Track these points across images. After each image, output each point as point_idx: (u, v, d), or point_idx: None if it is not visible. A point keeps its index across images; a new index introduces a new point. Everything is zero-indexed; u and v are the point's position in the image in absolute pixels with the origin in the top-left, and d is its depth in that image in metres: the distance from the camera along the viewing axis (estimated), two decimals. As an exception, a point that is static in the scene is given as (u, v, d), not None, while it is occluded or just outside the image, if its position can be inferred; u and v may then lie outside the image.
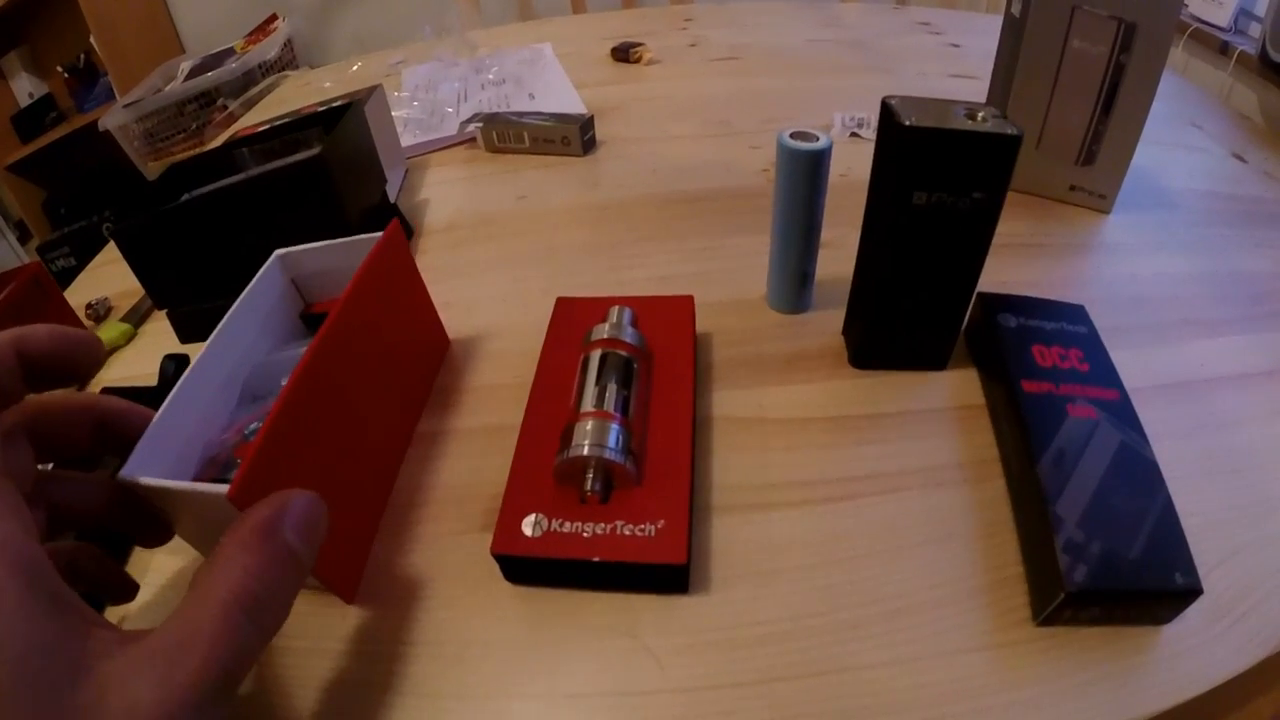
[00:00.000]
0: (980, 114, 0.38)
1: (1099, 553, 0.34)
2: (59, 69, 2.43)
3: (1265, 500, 0.40)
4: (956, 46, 1.04)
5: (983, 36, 0.63)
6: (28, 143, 2.41)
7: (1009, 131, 0.37)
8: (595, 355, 0.42)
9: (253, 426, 0.41)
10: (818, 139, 0.43)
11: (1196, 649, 0.34)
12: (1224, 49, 1.47)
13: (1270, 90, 1.37)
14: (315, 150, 0.53)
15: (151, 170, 2.03)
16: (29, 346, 0.29)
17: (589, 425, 0.37)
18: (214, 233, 0.56)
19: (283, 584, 0.27)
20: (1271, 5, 1.18)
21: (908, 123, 0.37)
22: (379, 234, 0.45)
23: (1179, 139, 0.79)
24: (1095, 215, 0.64)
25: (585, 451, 0.36)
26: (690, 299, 0.47)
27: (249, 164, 0.66)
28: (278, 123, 0.74)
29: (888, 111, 0.39)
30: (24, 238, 2.56)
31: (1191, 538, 0.34)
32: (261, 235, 0.54)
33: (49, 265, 2.17)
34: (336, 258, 0.47)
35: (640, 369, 0.42)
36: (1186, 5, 1.58)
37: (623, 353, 0.42)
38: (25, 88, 2.50)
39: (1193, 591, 0.33)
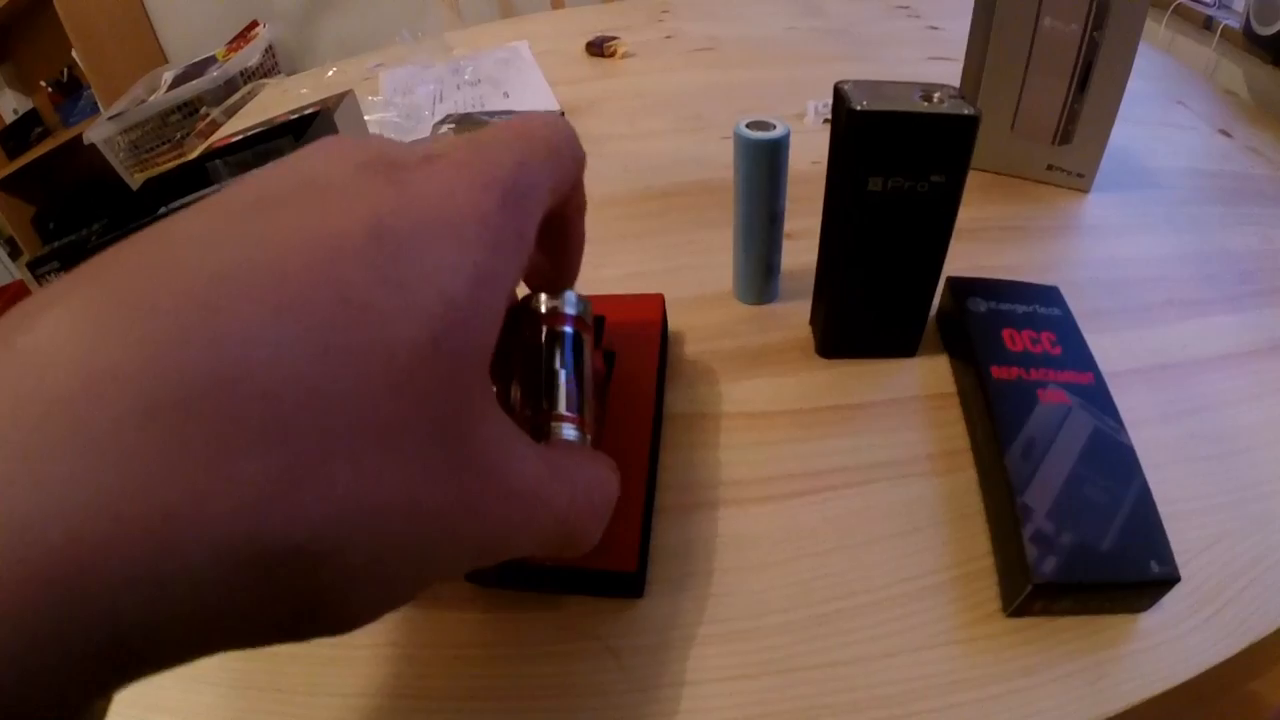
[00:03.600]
0: (936, 95, 0.37)
1: (1069, 543, 0.33)
2: (43, 84, 2.44)
3: (1249, 484, 0.40)
4: (936, 29, 1.04)
5: (962, 19, 0.63)
6: (15, 159, 2.41)
7: (965, 112, 0.36)
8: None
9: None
10: (774, 127, 0.42)
11: (1176, 638, 0.33)
12: (1208, 24, 1.47)
13: (1255, 65, 1.37)
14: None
15: (137, 182, 2.03)
16: None
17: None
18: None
19: None
20: None
21: (858, 107, 0.36)
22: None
23: (1163, 117, 0.79)
24: (1074, 195, 0.64)
25: None
26: (659, 297, 0.46)
27: (223, 176, 0.66)
28: (251, 133, 0.74)
29: (840, 96, 0.38)
30: (14, 253, 2.57)
31: (1172, 524, 0.34)
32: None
33: (39, 280, 2.17)
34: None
35: (588, 343, 0.35)
36: None
37: (566, 329, 0.34)
38: (10, 104, 2.51)
39: (1170, 580, 0.32)
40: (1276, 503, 0.39)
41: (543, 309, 0.32)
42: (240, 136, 0.76)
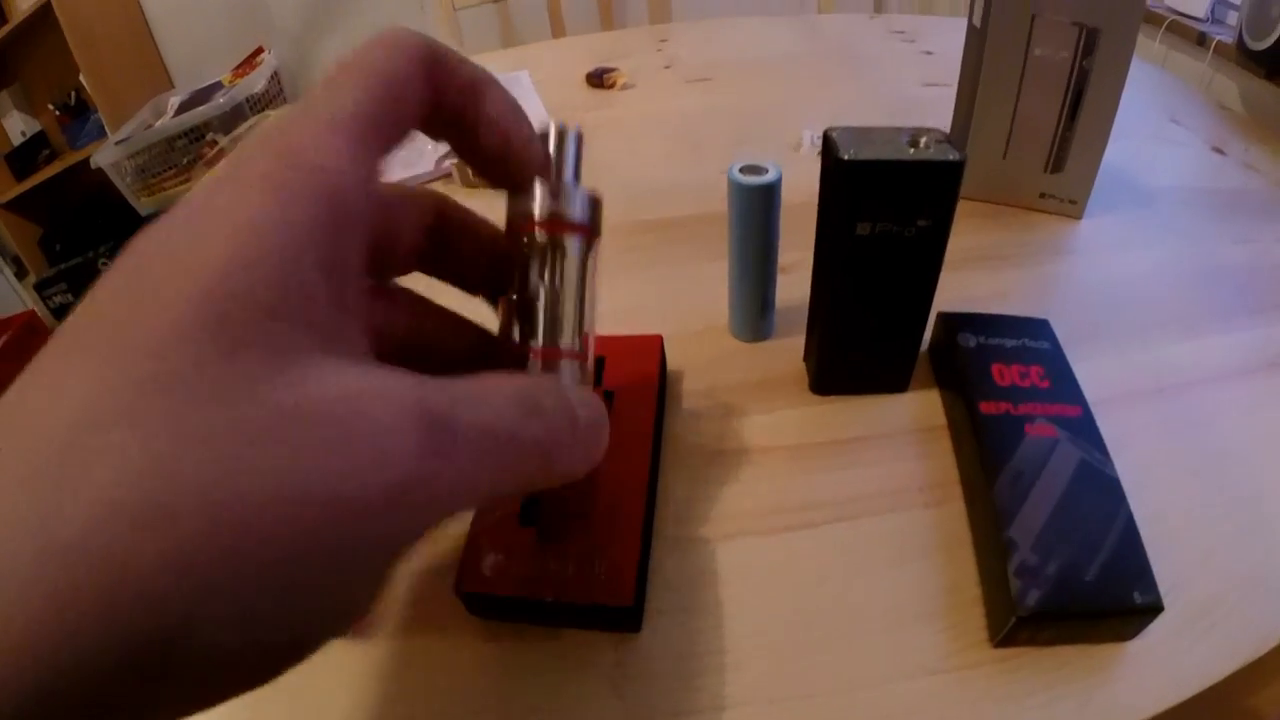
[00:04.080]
0: (923, 139, 0.38)
1: (1053, 575, 0.34)
2: (50, 106, 2.46)
3: (1236, 504, 0.41)
4: (930, 54, 1.05)
5: (956, 43, 0.64)
6: (22, 180, 2.43)
7: (950, 158, 0.37)
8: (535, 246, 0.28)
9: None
10: (767, 171, 0.44)
11: (1163, 663, 0.34)
12: (1201, 40, 1.49)
13: (1249, 79, 1.38)
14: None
15: (144, 205, 2.05)
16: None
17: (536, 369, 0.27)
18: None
19: None
20: None
21: (846, 156, 0.37)
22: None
23: (1157, 134, 0.80)
24: (1068, 221, 0.65)
25: None
26: (658, 339, 0.48)
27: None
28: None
29: (829, 144, 0.39)
30: (20, 273, 2.59)
31: (1160, 548, 0.35)
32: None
33: (46, 302, 2.19)
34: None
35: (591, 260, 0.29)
36: None
37: (572, 236, 0.28)
38: (17, 126, 2.53)
39: (1154, 609, 0.33)
40: (1266, 522, 0.40)
41: (534, 211, 0.27)
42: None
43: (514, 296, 0.27)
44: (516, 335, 0.27)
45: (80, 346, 0.17)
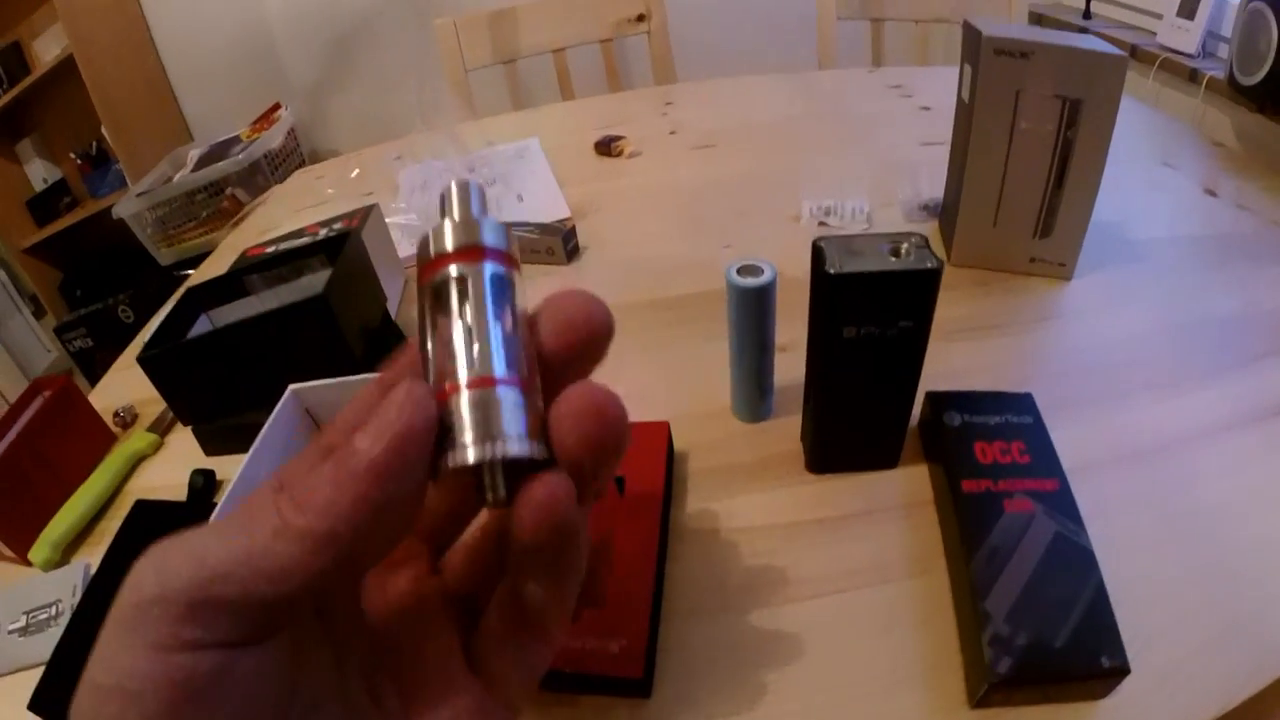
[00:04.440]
0: (904, 246, 0.42)
1: (1025, 643, 0.37)
2: (71, 155, 2.52)
3: (1207, 565, 0.44)
4: (927, 109, 1.09)
5: (954, 94, 0.67)
6: (43, 226, 2.49)
7: (928, 265, 0.41)
8: (443, 284, 0.25)
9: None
10: (763, 272, 0.48)
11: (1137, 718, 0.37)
12: (1193, 76, 1.49)
13: (1242, 113, 1.39)
14: (319, 290, 0.59)
15: (164, 255, 2.11)
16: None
17: (464, 402, 0.23)
18: (231, 360, 0.62)
19: None
20: (1237, 28, 1.21)
21: (833, 270, 0.41)
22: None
23: (1149, 180, 0.82)
24: (1057, 283, 0.67)
25: (470, 457, 0.22)
26: (665, 426, 0.52)
27: (259, 287, 0.72)
28: (284, 247, 0.80)
29: (817, 255, 0.43)
30: (38, 313, 2.65)
31: (1135, 608, 0.38)
32: (274, 360, 0.61)
33: (66, 346, 2.24)
34: (346, 393, 0.53)
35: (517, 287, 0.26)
36: (1154, 35, 1.61)
37: (490, 265, 0.25)
38: (39, 173, 2.59)
39: (1121, 672, 0.36)
40: (1236, 582, 0.43)
41: (445, 248, 0.24)
42: (273, 249, 0.82)
43: (427, 348, 0.24)
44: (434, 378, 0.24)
45: None
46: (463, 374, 0.23)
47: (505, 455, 0.22)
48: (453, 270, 0.24)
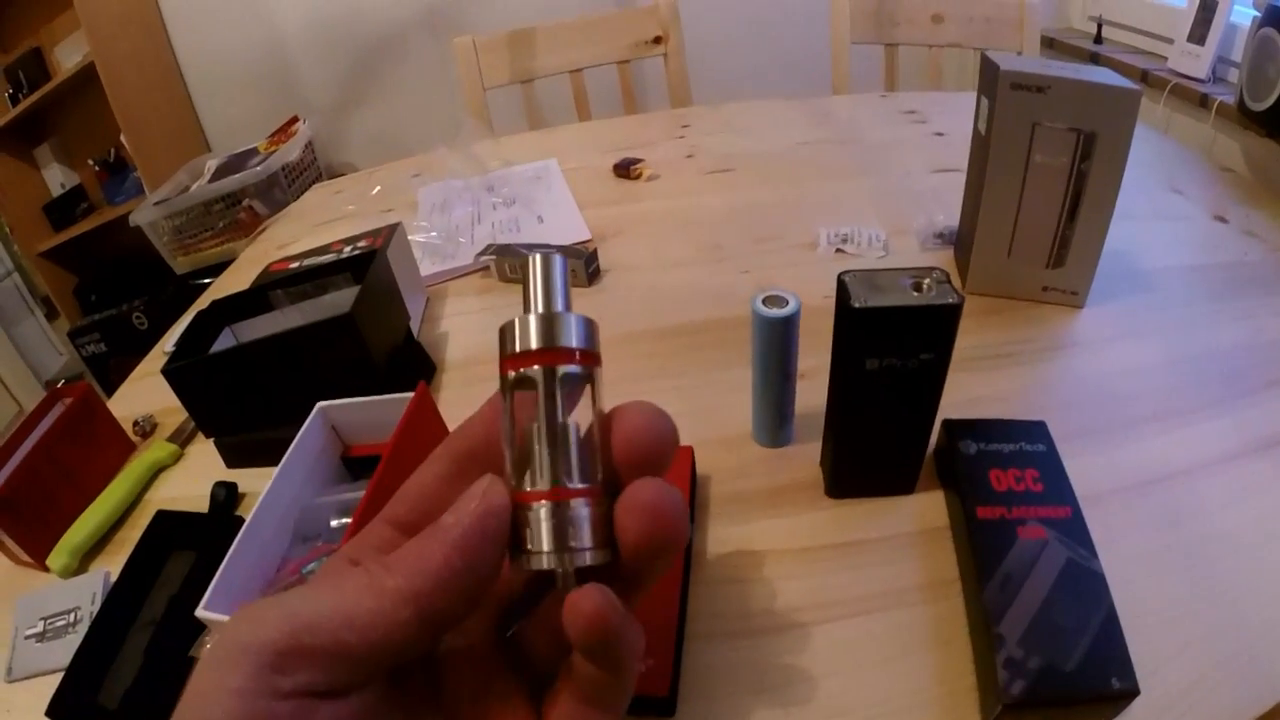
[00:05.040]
0: (925, 281, 0.43)
1: (1037, 666, 0.38)
2: (90, 161, 2.55)
3: (1218, 592, 0.45)
4: (940, 135, 1.10)
5: (965, 121, 0.68)
6: (60, 231, 2.51)
7: (949, 300, 0.42)
8: (525, 382, 0.26)
9: (310, 566, 0.47)
10: (788, 303, 0.49)
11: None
12: (1204, 101, 1.49)
13: (1252, 139, 1.40)
14: (346, 308, 0.60)
15: (180, 265, 2.13)
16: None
17: (542, 515, 0.25)
18: (255, 374, 0.63)
19: None
20: (1247, 53, 1.22)
21: (857, 304, 0.43)
22: (409, 395, 0.51)
23: (1159, 208, 0.83)
24: (1070, 311, 0.69)
25: (545, 564, 0.25)
26: (689, 451, 0.53)
27: (283, 303, 0.73)
28: (307, 262, 0.81)
29: (842, 289, 0.45)
30: (50, 314, 2.67)
31: (1144, 636, 0.39)
32: (299, 376, 0.62)
33: (79, 350, 2.25)
34: (372, 411, 0.54)
35: (598, 384, 0.28)
36: (1165, 60, 1.62)
37: (573, 368, 0.26)
38: (57, 178, 2.61)
39: (1130, 693, 0.37)
40: (1242, 608, 0.44)
41: (530, 344, 0.26)
42: (298, 265, 0.84)
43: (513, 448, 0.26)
44: (519, 482, 0.26)
45: None
46: (542, 478, 0.25)
47: (575, 566, 0.25)
48: (537, 373, 0.26)
